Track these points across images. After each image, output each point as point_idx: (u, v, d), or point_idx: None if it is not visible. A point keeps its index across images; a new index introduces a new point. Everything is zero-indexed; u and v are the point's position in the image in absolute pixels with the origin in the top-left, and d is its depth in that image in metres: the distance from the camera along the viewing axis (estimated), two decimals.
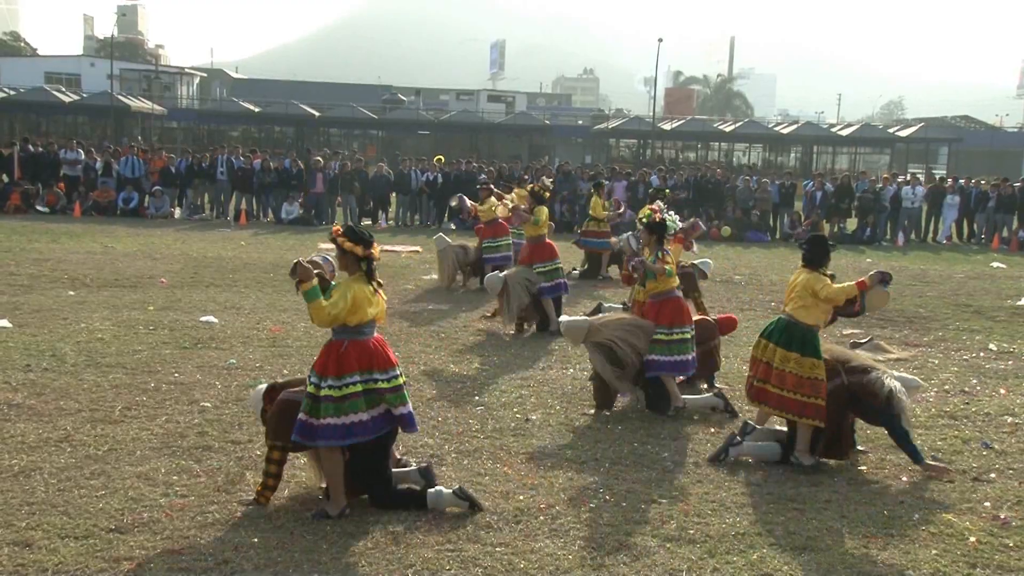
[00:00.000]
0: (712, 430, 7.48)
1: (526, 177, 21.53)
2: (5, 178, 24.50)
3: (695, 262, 9.87)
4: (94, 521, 5.32)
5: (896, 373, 6.88)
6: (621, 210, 17.30)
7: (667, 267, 7.94)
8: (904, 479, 6.53)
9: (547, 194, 11.96)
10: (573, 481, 6.25)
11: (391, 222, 24.92)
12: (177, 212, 24.44)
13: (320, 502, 5.69)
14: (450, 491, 5.71)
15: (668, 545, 5.30)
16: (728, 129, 56.24)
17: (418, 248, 18.95)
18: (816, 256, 6.88)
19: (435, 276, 15.12)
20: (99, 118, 51.89)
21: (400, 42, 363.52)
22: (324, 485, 5.75)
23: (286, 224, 23.10)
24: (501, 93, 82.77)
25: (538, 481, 6.21)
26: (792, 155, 61.08)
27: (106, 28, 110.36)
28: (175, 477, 6.03)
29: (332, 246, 5.69)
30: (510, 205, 12.58)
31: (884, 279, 6.88)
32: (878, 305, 7.50)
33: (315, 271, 5.55)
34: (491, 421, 7.53)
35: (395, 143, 56.44)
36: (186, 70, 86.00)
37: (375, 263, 5.68)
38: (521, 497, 5.91)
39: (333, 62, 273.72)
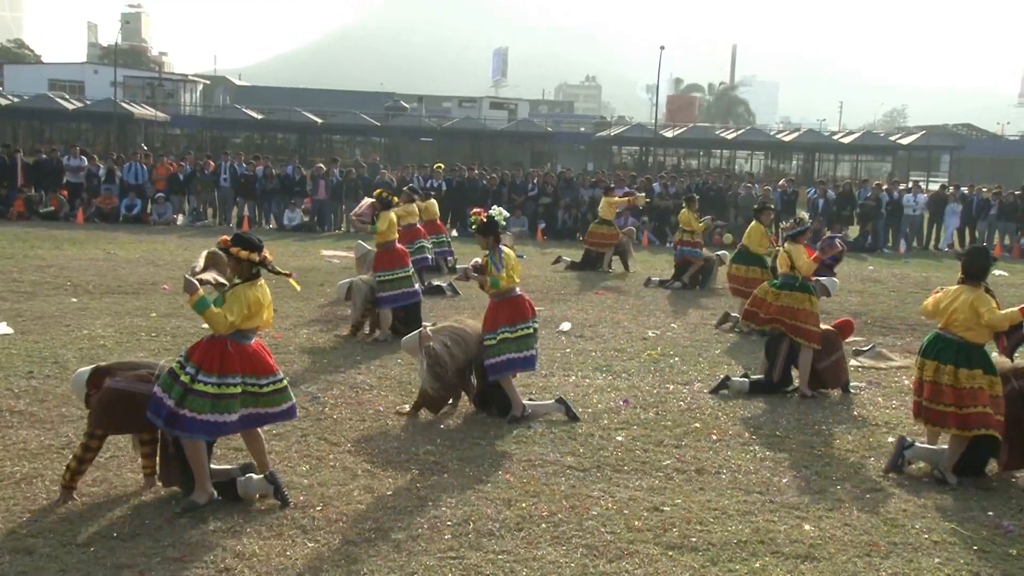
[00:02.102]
0: (714, 437, 7.48)
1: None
2: (9, 184, 24.51)
3: (822, 279, 9.71)
4: (96, 528, 5.32)
5: None
6: (716, 221, 17.52)
7: (498, 272, 7.80)
8: (907, 487, 6.52)
9: (395, 199, 12.07)
10: (575, 488, 6.24)
11: None
12: (180, 219, 24.47)
13: (185, 499, 5.69)
14: (260, 477, 5.80)
15: (670, 553, 5.29)
16: (730, 136, 56.27)
17: None
18: (976, 270, 6.65)
19: (437, 283, 15.15)
20: (102, 125, 51.98)
21: (403, 49, 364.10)
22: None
23: (288, 231, 23.14)
24: (503, 100, 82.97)
25: (540, 488, 6.21)
26: (794, 162, 61.10)
27: (110, 35, 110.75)
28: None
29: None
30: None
31: None
32: None
33: (203, 284, 5.66)
34: (493, 428, 7.53)
35: (398, 150, 56.53)
36: (189, 77, 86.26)
37: (268, 265, 5.78)
38: (523, 504, 5.91)
39: (336, 69, 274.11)
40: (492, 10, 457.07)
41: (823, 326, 9.09)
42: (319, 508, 5.73)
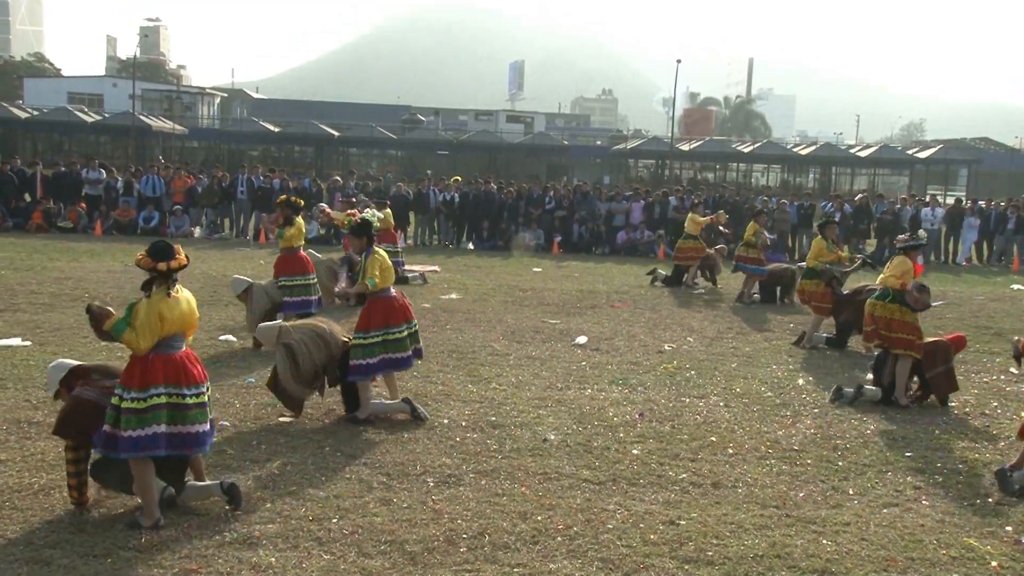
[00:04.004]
0: (731, 451, 7.45)
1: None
2: (28, 197, 24.75)
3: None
4: (113, 540, 5.34)
5: None
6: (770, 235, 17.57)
7: (373, 276, 7.94)
8: (924, 502, 6.47)
9: (302, 203, 12.33)
10: (591, 502, 6.23)
11: (409, 241, 25.01)
12: (197, 231, 24.61)
13: (133, 514, 5.68)
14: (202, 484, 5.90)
15: (686, 567, 5.28)
16: (747, 150, 56.22)
17: (436, 268, 19.00)
18: None
19: (455, 296, 15.19)
20: (121, 138, 52.39)
21: (419, 62, 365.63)
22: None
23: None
24: (520, 113, 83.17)
25: (555, 502, 6.20)
26: (811, 176, 60.96)
27: (129, 49, 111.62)
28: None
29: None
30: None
31: None
32: None
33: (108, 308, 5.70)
34: (508, 441, 7.53)
35: (414, 163, 56.71)
36: (207, 90, 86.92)
37: (175, 274, 5.74)
38: (539, 517, 5.90)
39: (352, 83, 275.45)
40: (509, 23, 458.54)
41: (934, 337, 9.41)
42: (335, 520, 5.74)
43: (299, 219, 11.73)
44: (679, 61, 53.92)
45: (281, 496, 6.10)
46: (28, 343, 10.26)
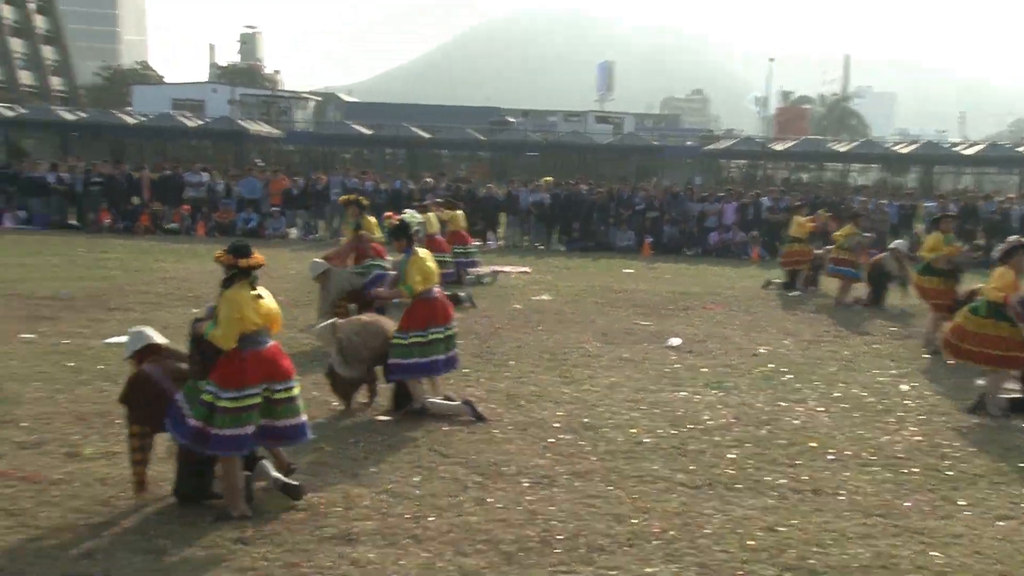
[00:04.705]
0: (831, 457, 7.25)
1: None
2: (136, 200, 25.68)
3: None
4: (220, 532, 5.47)
5: None
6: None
7: (413, 276, 7.96)
8: None
9: (366, 201, 12.86)
10: (687, 506, 6.13)
11: (501, 242, 25.10)
12: (293, 232, 25.15)
13: (220, 506, 5.80)
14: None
15: (787, 575, 5.15)
16: (843, 149, 54.76)
17: (527, 269, 19.03)
18: None
19: (546, 297, 15.17)
20: (221, 142, 53.88)
21: (508, 64, 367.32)
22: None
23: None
24: (609, 114, 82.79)
25: (651, 505, 6.12)
26: (911, 175, 59.10)
27: (228, 55, 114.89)
28: None
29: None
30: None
31: None
32: None
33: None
34: (602, 443, 7.47)
35: (504, 164, 56.91)
36: (302, 94, 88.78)
37: (253, 271, 5.80)
38: (634, 520, 5.83)
39: (442, 85, 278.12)
40: (597, 24, 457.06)
41: None
42: (432, 518, 5.77)
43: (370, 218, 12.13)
44: (772, 59, 52.96)
45: (379, 494, 6.17)
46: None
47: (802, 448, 7.49)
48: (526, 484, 6.45)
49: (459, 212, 17.05)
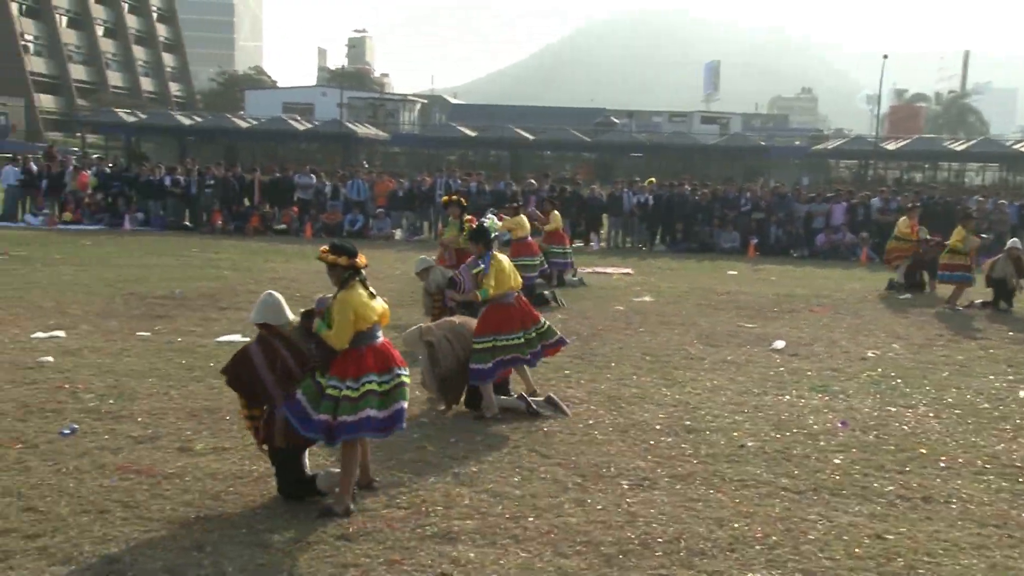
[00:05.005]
0: (943, 464, 7.02)
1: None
2: (247, 201, 26.55)
3: None
4: (323, 529, 5.63)
5: None
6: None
7: (488, 281, 7.95)
8: None
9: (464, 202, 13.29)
10: (790, 511, 6.03)
11: (603, 243, 25.05)
12: (398, 233, 25.59)
13: (325, 501, 5.94)
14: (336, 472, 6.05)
15: None
16: (959, 148, 52.79)
17: (629, 270, 18.95)
18: None
19: (648, 298, 15.08)
20: (329, 144, 55.22)
21: (612, 65, 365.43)
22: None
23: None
24: (715, 114, 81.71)
25: (753, 509, 6.04)
26: None
27: (337, 60, 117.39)
28: (393, 490, 6.26)
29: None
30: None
31: None
32: None
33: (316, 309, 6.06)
34: (704, 446, 7.40)
35: (608, 165, 56.73)
36: (408, 97, 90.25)
37: (363, 270, 5.99)
38: (736, 525, 5.77)
39: (546, 86, 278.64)
40: (702, 24, 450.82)
41: None
42: (531, 519, 5.82)
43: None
44: (885, 56, 51.40)
45: (478, 493, 6.24)
46: (248, 339, 10.93)
47: (912, 455, 7.28)
48: (626, 486, 6.44)
49: (556, 213, 17.11)
